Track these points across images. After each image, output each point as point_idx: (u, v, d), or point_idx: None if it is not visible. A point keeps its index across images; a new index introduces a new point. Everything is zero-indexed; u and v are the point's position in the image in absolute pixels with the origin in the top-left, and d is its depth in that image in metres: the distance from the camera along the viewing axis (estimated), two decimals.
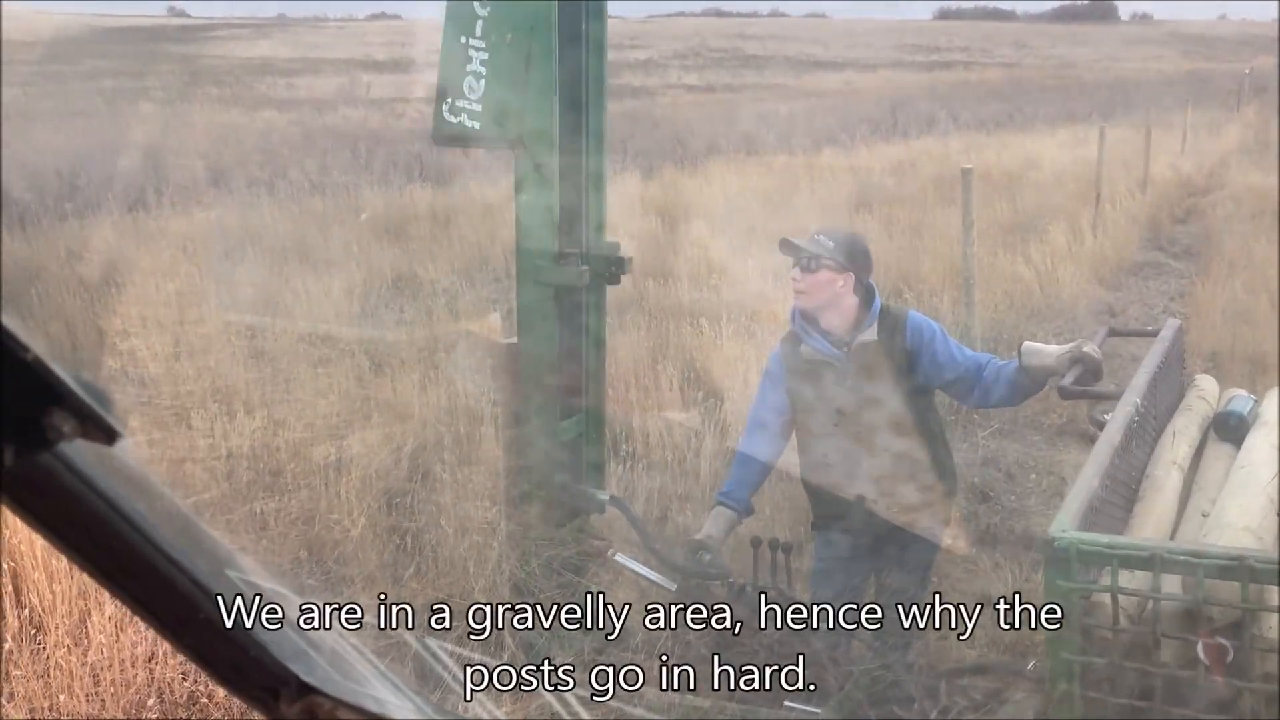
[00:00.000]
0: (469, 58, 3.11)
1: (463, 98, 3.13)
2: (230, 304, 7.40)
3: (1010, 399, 3.24)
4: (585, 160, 3.38)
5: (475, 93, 3.12)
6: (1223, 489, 2.51)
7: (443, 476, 4.75)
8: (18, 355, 0.55)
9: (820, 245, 3.11)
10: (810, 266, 3.11)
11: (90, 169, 13.71)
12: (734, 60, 51.35)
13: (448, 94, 3.15)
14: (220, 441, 5.03)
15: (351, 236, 10.14)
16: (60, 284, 7.91)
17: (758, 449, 3.28)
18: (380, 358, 6.43)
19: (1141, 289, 9.52)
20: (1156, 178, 13.90)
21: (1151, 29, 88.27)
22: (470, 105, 3.14)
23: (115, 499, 0.66)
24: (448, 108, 3.16)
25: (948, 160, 14.87)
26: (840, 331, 3.16)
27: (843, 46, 59.72)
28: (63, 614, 3.62)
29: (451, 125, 3.17)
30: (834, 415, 3.18)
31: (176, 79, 31.71)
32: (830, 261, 3.10)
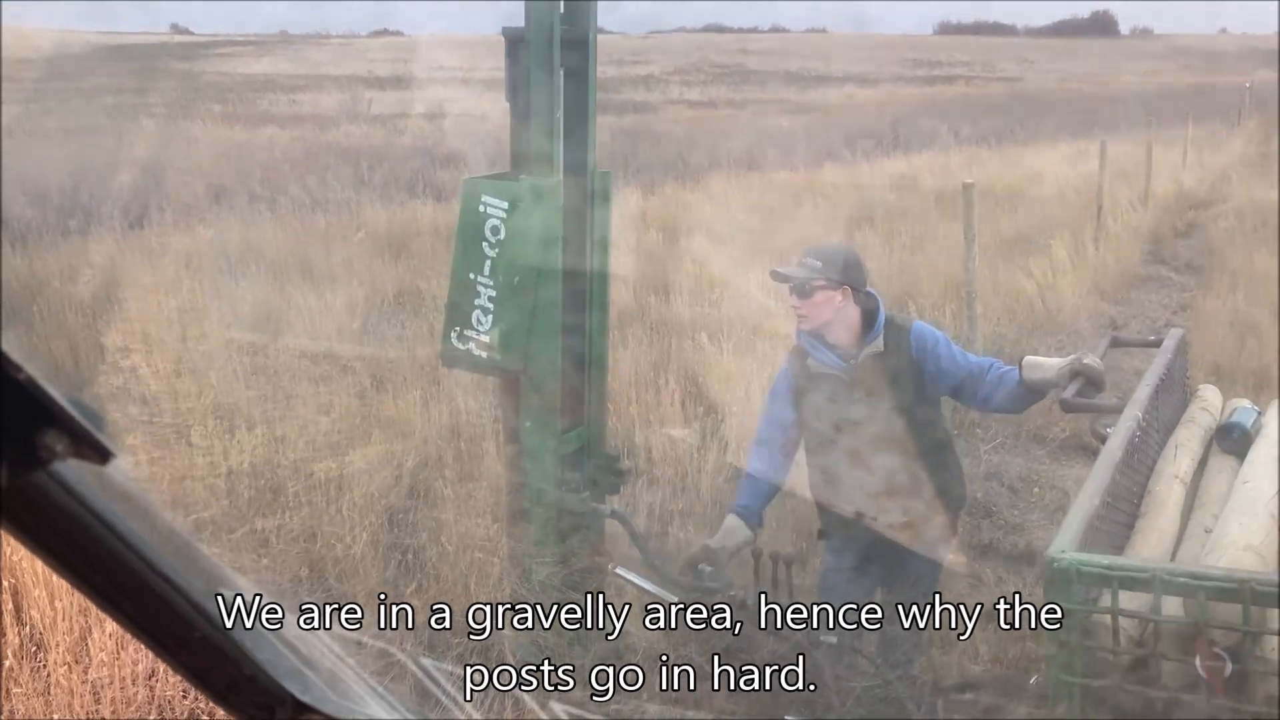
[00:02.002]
0: (478, 293, 3.27)
1: (470, 328, 3.29)
2: (231, 321, 7.41)
3: (1012, 407, 3.25)
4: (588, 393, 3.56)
5: (483, 325, 3.28)
6: (1225, 505, 2.50)
7: (444, 493, 4.75)
8: (11, 375, 0.55)
9: (810, 268, 3.11)
10: (805, 291, 3.11)
11: (92, 185, 13.75)
12: (735, 76, 51.51)
13: (456, 322, 3.31)
14: (221, 459, 5.02)
15: (353, 252, 10.15)
16: (62, 300, 7.92)
17: (769, 464, 3.28)
18: (381, 374, 6.44)
19: (1144, 302, 9.52)
20: (1158, 191, 13.93)
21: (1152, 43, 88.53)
22: (478, 336, 3.30)
23: (111, 518, 0.66)
24: (456, 335, 3.32)
25: (949, 175, 14.90)
26: (847, 344, 3.16)
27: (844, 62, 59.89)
28: (64, 631, 3.62)
29: (459, 352, 3.33)
30: (843, 427, 3.18)
31: (179, 95, 31.82)
32: (823, 281, 3.10)
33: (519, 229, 3.21)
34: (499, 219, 3.22)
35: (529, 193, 3.21)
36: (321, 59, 52.06)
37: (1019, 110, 32.21)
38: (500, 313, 3.25)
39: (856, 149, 20.48)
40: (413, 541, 4.48)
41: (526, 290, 3.24)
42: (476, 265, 3.26)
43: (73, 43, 53.85)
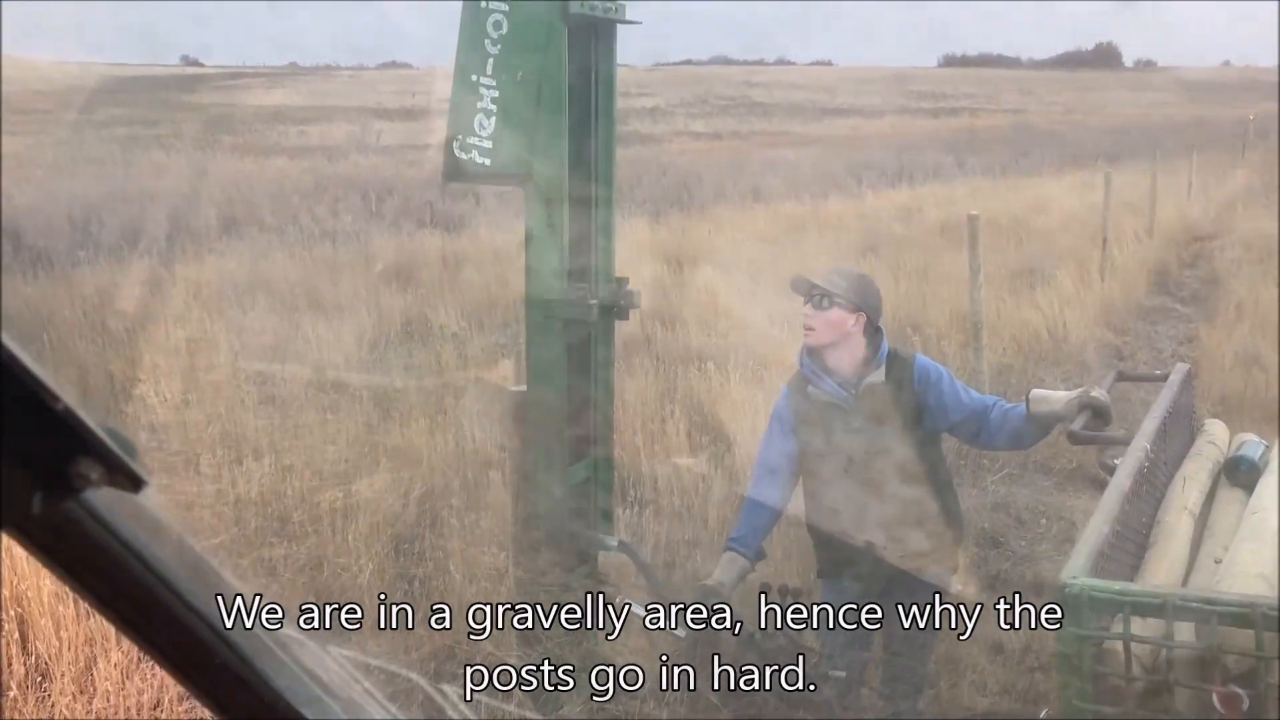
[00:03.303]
0: (480, 95, 3.16)
1: (473, 134, 3.18)
2: (240, 350, 7.45)
3: (1018, 443, 3.23)
4: (594, 193, 3.42)
5: (486, 129, 3.17)
6: (1235, 535, 2.50)
7: (451, 522, 4.75)
8: (48, 405, 0.56)
9: (833, 283, 3.11)
10: (822, 304, 3.11)
11: (103, 216, 13.86)
12: (741, 108, 51.85)
13: (458, 131, 3.20)
14: (229, 487, 5.04)
15: (361, 283, 10.21)
16: (72, 329, 7.98)
17: (767, 494, 3.26)
18: (389, 404, 6.45)
19: (1150, 334, 9.52)
20: (1163, 223, 13.96)
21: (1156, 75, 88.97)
22: (480, 142, 3.18)
23: (135, 544, 0.67)
24: (458, 145, 3.21)
25: (954, 206, 14.96)
26: (848, 373, 3.16)
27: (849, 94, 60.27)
28: (69, 661, 3.62)
29: (462, 161, 3.21)
30: (841, 458, 3.17)
31: (189, 127, 32.10)
32: (843, 300, 3.10)
33: (522, 22, 3.12)
34: (501, 12, 3.13)
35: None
36: (331, 90, 52.50)
37: (1023, 142, 32.38)
38: (504, 114, 3.14)
39: (862, 180, 20.59)
40: (419, 571, 4.48)
41: (529, 87, 3.13)
42: (479, 65, 3.14)
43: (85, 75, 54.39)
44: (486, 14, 3.12)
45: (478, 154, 3.18)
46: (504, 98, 3.13)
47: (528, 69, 3.13)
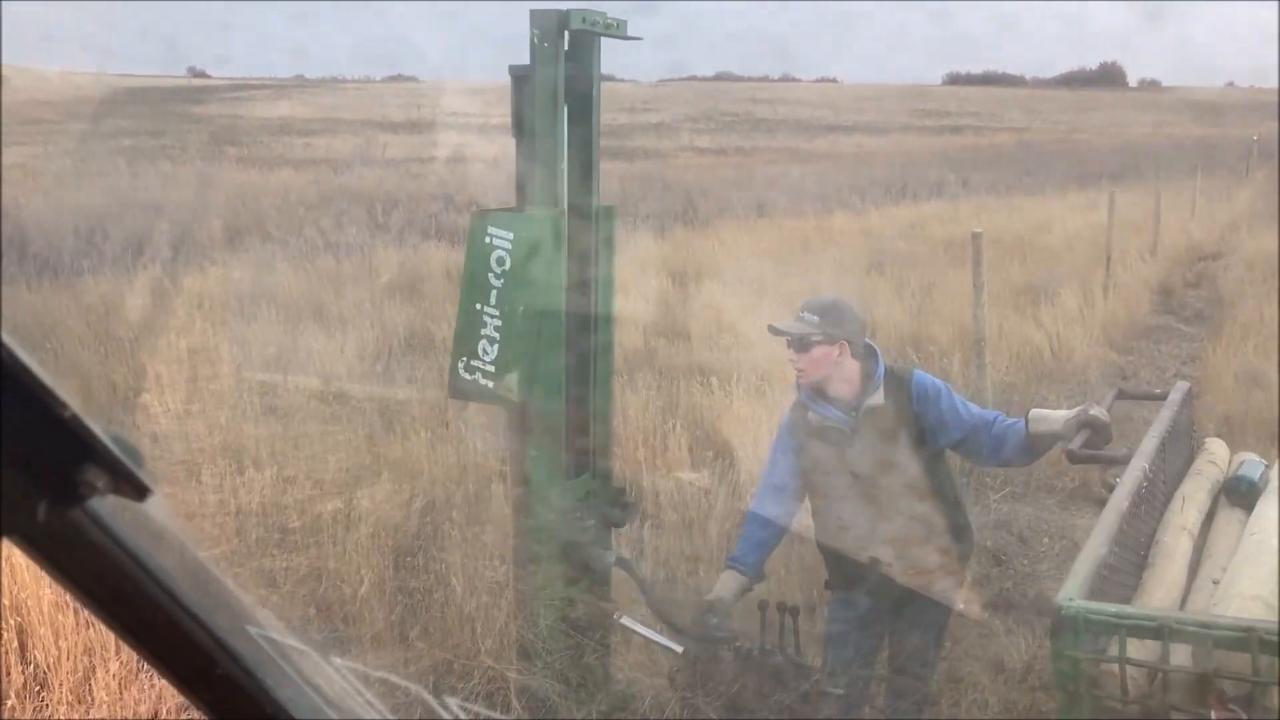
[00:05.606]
0: (484, 323, 3.32)
1: (477, 358, 3.33)
2: (243, 361, 7.45)
3: (1019, 460, 3.22)
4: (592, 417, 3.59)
5: (489, 355, 3.32)
6: (1234, 556, 2.49)
7: (451, 535, 4.74)
8: (56, 413, 0.57)
9: (806, 323, 3.10)
10: (802, 346, 3.11)
11: (108, 226, 13.90)
12: (745, 124, 51.98)
13: (464, 353, 3.35)
14: (230, 498, 5.03)
15: (365, 295, 10.22)
16: (76, 339, 7.99)
17: (769, 514, 3.26)
18: (391, 415, 6.46)
19: (1153, 353, 9.51)
20: (1167, 242, 13.97)
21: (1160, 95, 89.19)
22: (484, 365, 3.34)
23: (139, 553, 0.67)
24: (463, 366, 3.36)
25: (958, 223, 14.98)
26: (847, 397, 3.15)
27: (853, 111, 60.43)
28: (68, 671, 3.61)
29: (466, 382, 3.37)
30: (846, 480, 3.17)
31: (195, 138, 32.22)
32: (820, 336, 3.09)
33: (523, 259, 3.24)
34: (504, 250, 3.26)
35: (533, 224, 3.25)
36: (336, 103, 52.71)
37: (1027, 160, 32.43)
38: (506, 342, 3.28)
39: (866, 197, 20.63)
40: (419, 583, 4.47)
41: (531, 319, 3.27)
42: (483, 296, 3.30)
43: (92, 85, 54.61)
44: (490, 249, 3.27)
45: (481, 376, 3.33)
46: (506, 328, 3.29)
47: (529, 305, 3.29)
